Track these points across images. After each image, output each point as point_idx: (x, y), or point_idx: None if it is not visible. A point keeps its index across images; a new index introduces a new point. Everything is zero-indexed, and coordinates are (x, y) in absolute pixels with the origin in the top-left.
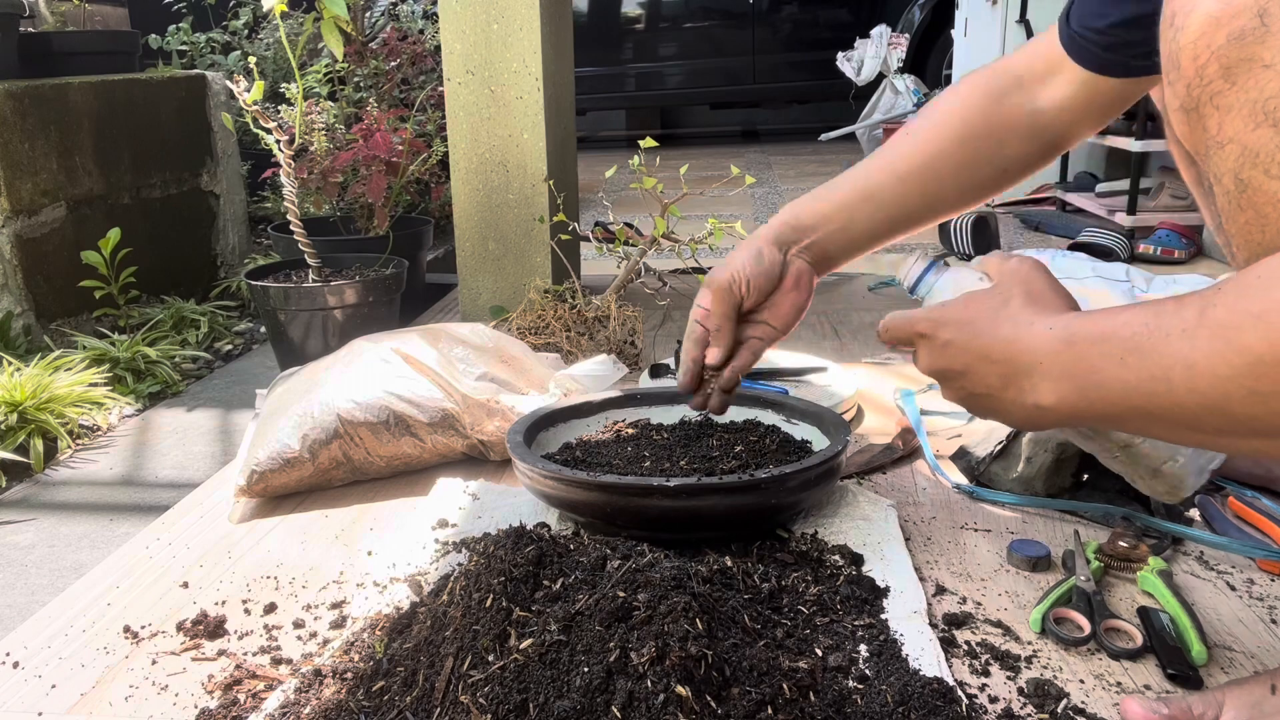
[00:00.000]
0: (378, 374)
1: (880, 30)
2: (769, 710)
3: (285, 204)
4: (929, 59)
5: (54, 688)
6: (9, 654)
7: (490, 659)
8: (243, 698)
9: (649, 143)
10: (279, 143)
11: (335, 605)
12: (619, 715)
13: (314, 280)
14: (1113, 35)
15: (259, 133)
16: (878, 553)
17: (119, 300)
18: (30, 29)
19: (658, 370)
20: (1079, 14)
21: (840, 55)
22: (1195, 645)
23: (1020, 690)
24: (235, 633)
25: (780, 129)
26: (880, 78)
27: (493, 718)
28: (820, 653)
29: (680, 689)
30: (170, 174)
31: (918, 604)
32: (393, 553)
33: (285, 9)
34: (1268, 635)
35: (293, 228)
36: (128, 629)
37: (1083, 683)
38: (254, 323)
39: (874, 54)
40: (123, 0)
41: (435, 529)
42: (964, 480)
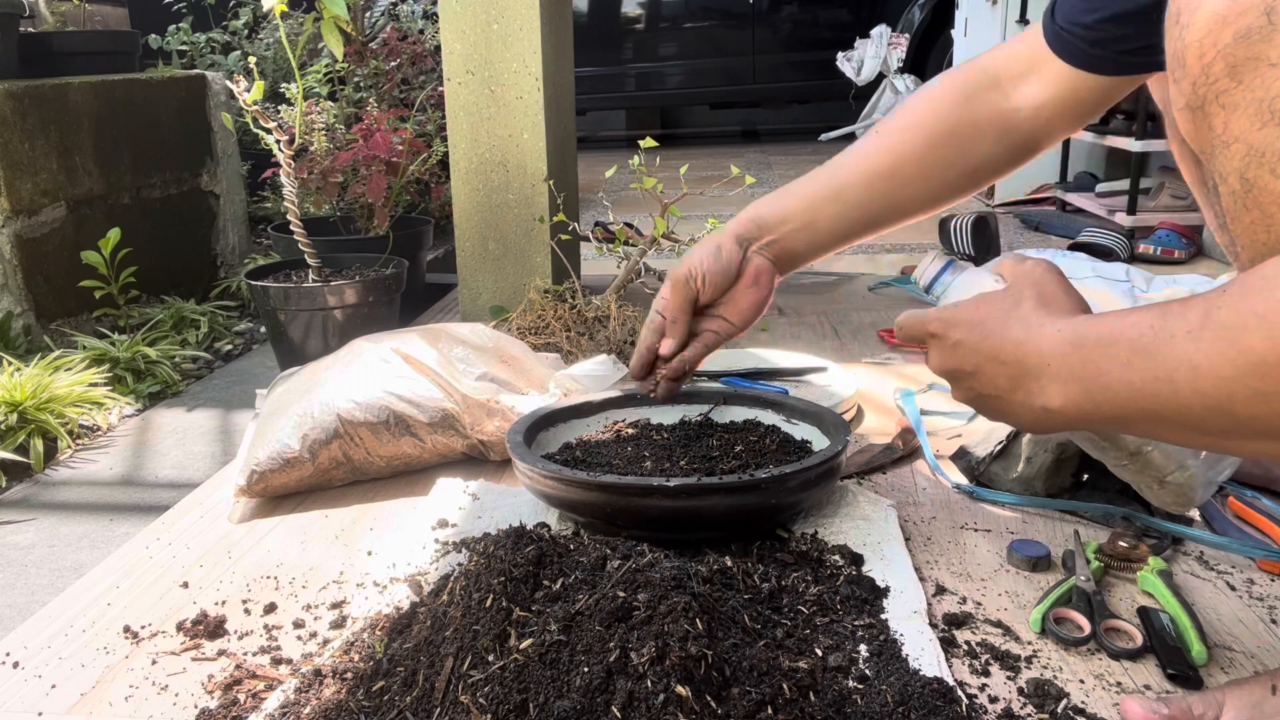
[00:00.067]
0: (378, 374)
1: (880, 30)
2: (769, 710)
3: (285, 204)
4: (929, 59)
5: (54, 688)
6: (9, 654)
7: (490, 659)
8: (243, 698)
9: (649, 143)
10: (279, 143)
11: (335, 605)
12: (619, 715)
13: (314, 280)
14: (1102, 30)
15: (259, 133)
16: (878, 553)
17: (119, 300)
18: (30, 29)
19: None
20: (1065, 9)
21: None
22: (1195, 645)
23: (1020, 690)
24: (235, 633)
25: (780, 129)
26: (880, 78)
27: (493, 718)
28: (820, 653)
29: (680, 689)
30: (170, 174)
31: (918, 604)
32: (393, 553)
33: (285, 9)
34: (1268, 635)
35: (293, 228)
36: (128, 629)
37: (1083, 683)
38: (254, 323)
39: (874, 54)
40: (123, 0)
41: (435, 529)
42: (964, 480)
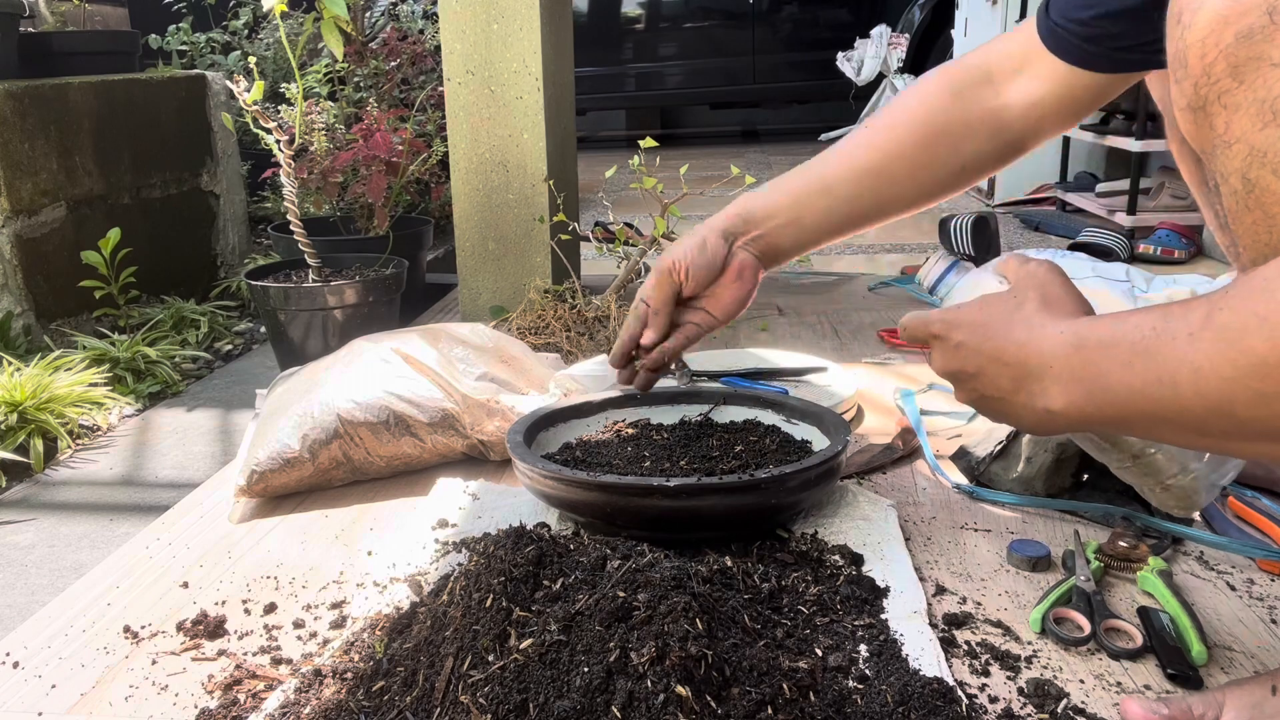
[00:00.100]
0: (378, 374)
1: (880, 30)
2: (769, 710)
3: (285, 204)
4: (929, 59)
5: (54, 688)
6: (9, 654)
7: (490, 659)
8: (243, 698)
9: (649, 143)
10: (279, 143)
11: (335, 605)
12: (619, 715)
13: (314, 280)
14: (1097, 27)
15: (259, 133)
16: (878, 553)
17: (119, 300)
18: (30, 29)
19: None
20: (1060, 5)
21: (840, 55)
22: (1195, 645)
23: (1020, 690)
24: (235, 633)
25: (780, 129)
26: (880, 78)
27: (493, 718)
28: (820, 653)
29: (680, 689)
30: (170, 174)
31: (918, 604)
32: (393, 553)
33: (285, 9)
34: (1268, 635)
35: (293, 228)
36: (128, 629)
37: (1083, 683)
38: (254, 323)
39: (874, 54)
40: (123, 0)
41: (435, 529)
42: (964, 480)
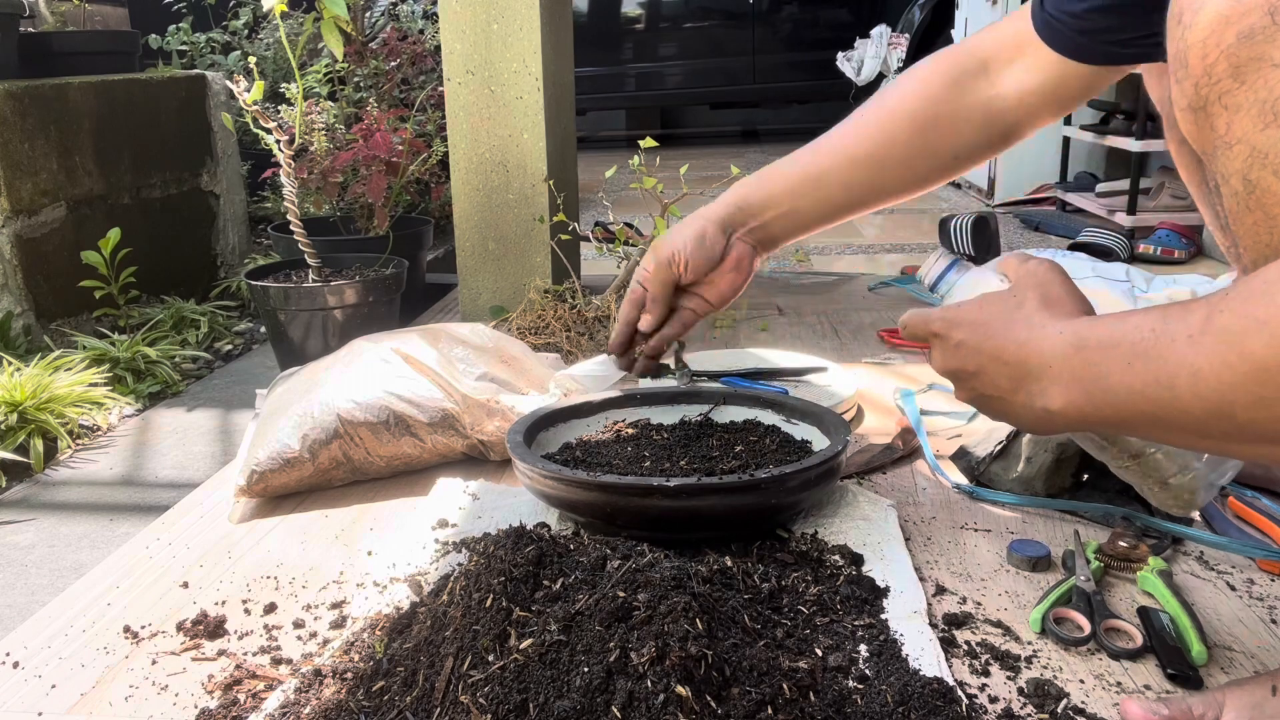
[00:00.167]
0: (378, 374)
1: (880, 30)
2: (769, 710)
3: (285, 204)
4: None
5: (54, 688)
6: (9, 654)
7: (490, 659)
8: (243, 698)
9: (649, 143)
10: (279, 143)
11: (335, 605)
12: (619, 715)
13: (314, 280)
14: (1089, 20)
15: (259, 133)
16: (878, 553)
17: (119, 300)
18: (30, 29)
19: (658, 370)
20: None
21: (840, 55)
22: (1195, 645)
23: (1020, 690)
24: (235, 633)
25: (780, 129)
26: (880, 78)
27: (493, 718)
28: (820, 653)
29: (680, 689)
30: (170, 174)
31: (918, 604)
32: (393, 553)
33: (285, 9)
34: (1268, 635)
35: (293, 228)
36: (128, 629)
37: (1083, 683)
38: (254, 323)
39: (874, 54)
40: (123, 0)
41: (435, 529)
42: (964, 480)
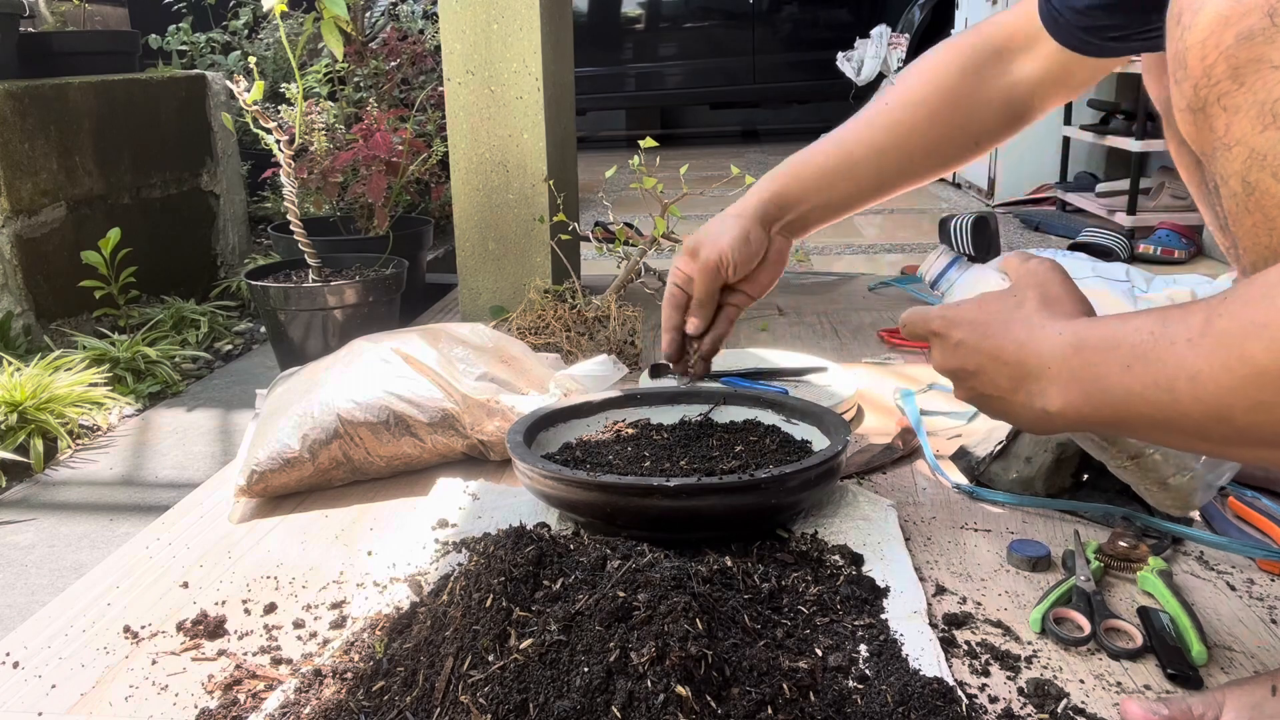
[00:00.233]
0: (378, 374)
1: (880, 30)
2: (769, 710)
3: (285, 204)
4: None
5: (54, 688)
6: (9, 654)
7: (490, 659)
8: (243, 698)
9: (649, 143)
10: (279, 143)
11: (335, 605)
12: (619, 715)
13: (314, 280)
14: (1091, 17)
15: (259, 133)
16: (878, 553)
17: (119, 300)
18: (30, 29)
19: (658, 370)
20: None
21: (840, 55)
22: (1195, 645)
23: (1020, 690)
24: (235, 633)
25: (780, 129)
26: (880, 78)
27: (493, 718)
28: (820, 653)
29: (680, 689)
30: (170, 174)
31: (918, 604)
32: (393, 553)
33: (285, 9)
34: (1268, 635)
35: (293, 228)
36: (128, 629)
37: (1083, 683)
38: (254, 323)
39: (874, 54)
40: (123, 0)
41: (435, 529)
42: (964, 480)
